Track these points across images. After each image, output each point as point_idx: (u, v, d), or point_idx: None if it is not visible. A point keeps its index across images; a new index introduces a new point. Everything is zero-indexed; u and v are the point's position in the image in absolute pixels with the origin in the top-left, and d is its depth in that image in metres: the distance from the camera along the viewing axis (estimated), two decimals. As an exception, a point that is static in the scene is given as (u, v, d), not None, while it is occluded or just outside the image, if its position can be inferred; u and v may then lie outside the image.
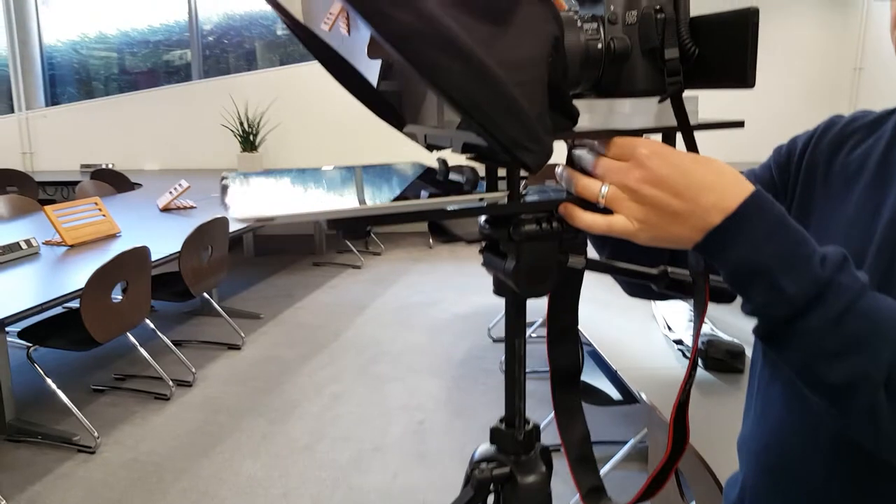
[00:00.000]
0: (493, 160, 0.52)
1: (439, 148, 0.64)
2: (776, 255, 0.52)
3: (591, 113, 0.60)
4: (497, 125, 0.46)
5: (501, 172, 0.58)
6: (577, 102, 0.57)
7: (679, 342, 2.07)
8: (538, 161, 0.48)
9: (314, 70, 6.84)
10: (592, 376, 2.36)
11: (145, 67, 7.42)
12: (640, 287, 0.78)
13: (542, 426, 0.72)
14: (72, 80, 7.53)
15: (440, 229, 0.77)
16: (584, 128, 0.58)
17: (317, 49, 0.64)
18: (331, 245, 6.31)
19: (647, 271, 0.64)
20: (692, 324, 2.36)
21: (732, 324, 2.08)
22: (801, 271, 0.52)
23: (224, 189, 0.52)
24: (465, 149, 0.54)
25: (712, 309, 2.26)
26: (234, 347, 3.98)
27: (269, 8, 0.58)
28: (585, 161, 0.57)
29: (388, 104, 0.67)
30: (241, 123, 6.36)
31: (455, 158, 0.64)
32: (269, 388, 3.47)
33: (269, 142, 6.53)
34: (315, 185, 0.63)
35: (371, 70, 0.66)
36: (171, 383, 3.40)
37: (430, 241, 6.52)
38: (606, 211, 0.56)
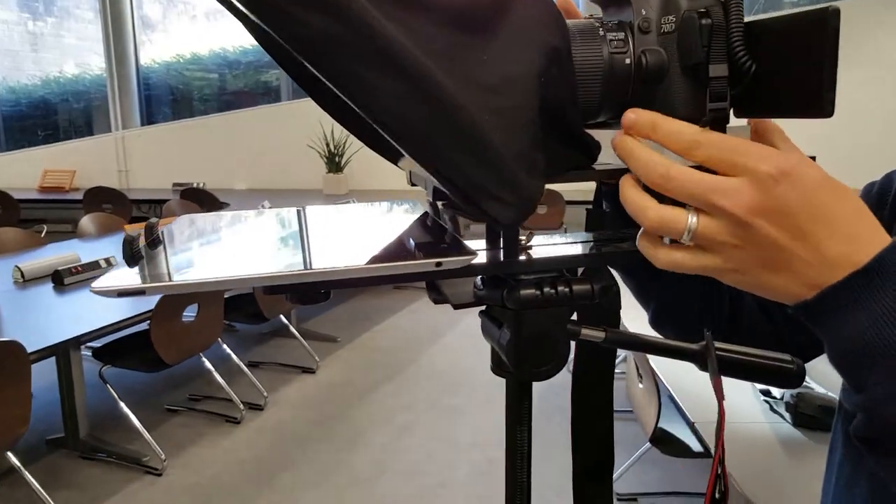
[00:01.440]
0: (460, 210, 0.42)
1: (415, 185, 0.54)
2: None
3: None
4: (452, 165, 0.35)
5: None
6: (598, 134, 0.46)
7: (766, 393, 1.87)
8: (514, 215, 0.37)
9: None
10: (671, 424, 2.17)
11: (239, 88, 7.74)
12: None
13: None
14: (167, 101, 7.96)
15: (432, 286, 0.67)
16: (605, 165, 0.47)
17: (295, 69, 0.55)
18: (412, 267, 6.29)
19: (686, 347, 0.50)
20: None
21: (827, 373, 1.86)
22: None
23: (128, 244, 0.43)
24: (437, 195, 0.44)
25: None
26: (309, 371, 3.99)
27: None
28: (656, 172, 0.41)
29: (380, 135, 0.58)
30: (328, 144, 6.48)
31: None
32: (339, 415, 3.43)
33: (354, 164, 6.61)
34: (265, 232, 0.54)
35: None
36: (241, 406, 3.43)
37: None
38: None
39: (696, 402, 1.85)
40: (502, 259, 0.46)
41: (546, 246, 0.49)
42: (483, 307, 0.52)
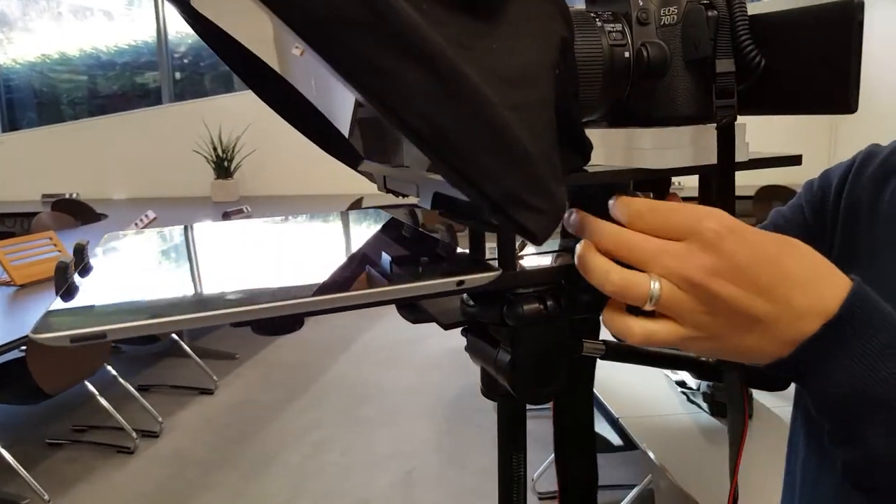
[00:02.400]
0: (477, 222, 0.38)
1: (403, 195, 0.49)
2: None
3: (605, 147, 0.46)
4: (483, 171, 0.31)
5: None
6: (588, 132, 0.43)
7: (682, 384, 1.95)
8: (547, 224, 0.33)
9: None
10: (596, 421, 2.21)
11: (113, 90, 7.29)
12: None
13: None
14: (32, 105, 7.38)
15: (409, 305, 0.63)
16: (598, 167, 0.44)
17: (241, 64, 0.50)
18: (312, 275, 6.13)
19: (688, 356, 0.49)
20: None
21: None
22: None
23: (61, 271, 0.36)
24: (437, 202, 0.39)
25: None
26: (207, 392, 3.79)
27: None
28: (608, 236, 0.39)
29: (337, 134, 0.53)
30: (215, 149, 6.22)
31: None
32: (244, 438, 3.28)
33: (245, 168, 6.39)
34: (216, 253, 0.48)
35: (315, 91, 0.52)
36: (134, 435, 3.21)
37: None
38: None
39: (619, 398, 1.90)
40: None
41: (540, 255, 0.46)
42: (465, 326, 0.49)
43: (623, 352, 0.47)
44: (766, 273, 0.37)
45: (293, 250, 0.48)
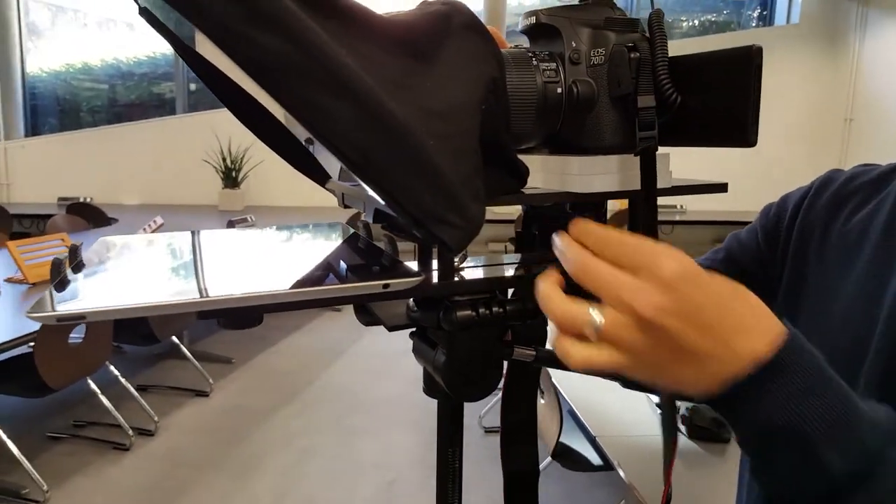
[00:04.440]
0: (405, 234, 0.41)
1: (348, 207, 0.53)
2: (818, 418, 0.39)
3: (544, 172, 0.49)
4: (404, 190, 0.34)
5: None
6: (527, 159, 0.46)
7: (661, 406, 1.96)
8: (462, 239, 0.36)
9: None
10: (572, 439, 2.22)
11: (131, 100, 7.37)
12: None
13: None
14: (54, 111, 7.46)
15: (362, 308, 0.66)
16: (534, 189, 0.47)
17: (218, 87, 0.53)
18: (312, 286, 6.16)
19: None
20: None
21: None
22: (848, 440, 0.39)
23: (56, 268, 0.40)
24: (378, 217, 0.43)
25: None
26: (202, 394, 3.80)
27: None
28: (574, 261, 0.41)
29: (307, 154, 0.56)
30: (224, 159, 6.27)
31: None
32: (235, 440, 3.29)
33: (252, 179, 6.43)
34: (192, 257, 0.52)
35: (285, 116, 0.55)
36: (130, 432, 3.22)
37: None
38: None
39: (598, 416, 1.91)
40: (436, 281, 0.45)
41: (478, 267, 0.49)
42: (414, 329, 0.52)
43: (554, 359, 0.50)
44: (715, 315, 0.39)
45: (258, 258, 0.51)
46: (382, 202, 0.37)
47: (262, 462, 3.08)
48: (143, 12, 0.50)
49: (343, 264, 0.47)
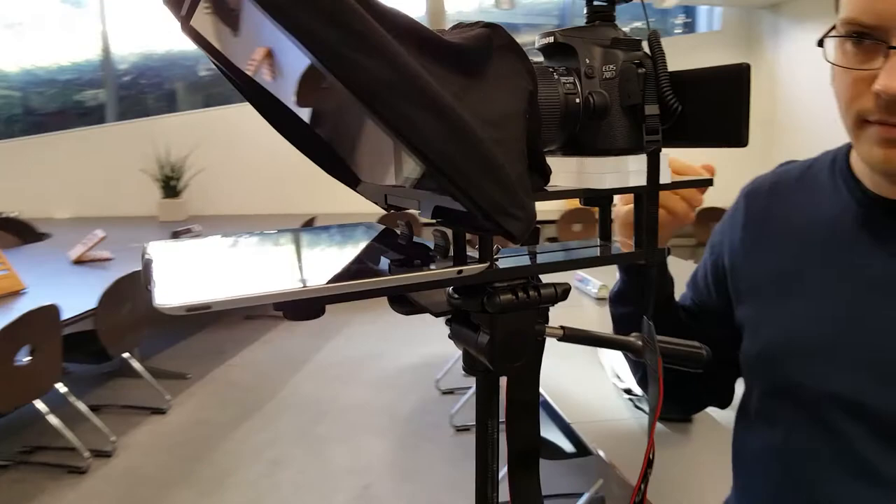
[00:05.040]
0: (471, 227, 0.49)
1: (401, 209, 0.61)
2: None
3: (563, 172, 0.58)
4: (478, 189, 0.42)
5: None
6: (548, 160, 0.55)
7: (628, 392, 2.07)
8: (524, 228, 0.45)
9: (242, 112, 6.78)
10: (543, 428, 2.33)
11: (53, 108, 7.17)
12: None
13: None
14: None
15: (402, 299, 0.73)
16: (555, 187, 0.56)
17: (254, 94, 0.60)
18: (263, 295, 6.13)
19: (627, 340, 0.61)
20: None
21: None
22: None
23: (147, 265, 0.46)
24: (437, 213, 0.51)
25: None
26: (159, 412, 3.78)
27: (190, 47, 0.54)
28: None
29: (338, 158, 0.64)
30: (162, 168, 6.19)
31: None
32: (199, 456, 3.29)
33: (193, 188, 6.37)
34: (251, 255, 0.59)
35: (317, 121, 0.63)
36: (87, 454, 3.19)
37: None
38: None
39: (570, 404, 2.01)
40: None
41: (509, 258, 0.57)
42: (451, 315, 0.60)
43: (578, 336, 0.59)
44: None
45: (313, 254, 0.58)
46: (449, 199, 0.45)
47: (231, 476, 3.10)
48: (187, 29, 0.57)
49: (388, 257, 0.55)
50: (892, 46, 0.61)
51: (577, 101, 0.55)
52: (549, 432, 2.32)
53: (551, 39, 0.56)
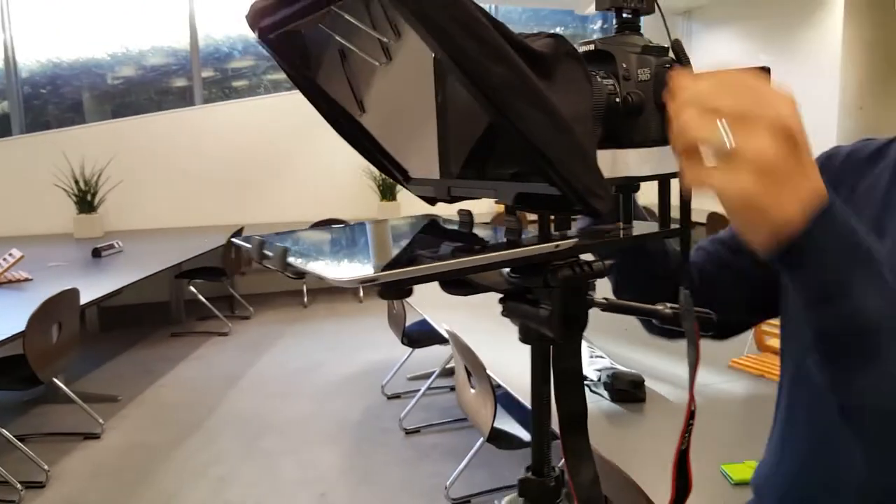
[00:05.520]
0: (556, 208, 0.57)
1: (456, 199, 0.68)
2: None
3: (601, 162, 0.67)
4: (575, 175, 0.50)
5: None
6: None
7: (585, 377, 2.20)
8: (607, 207, 0.53)
9: (159, 122, 6.64)
10: (503, 422, 2.42)
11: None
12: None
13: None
14: None
15: (460, 282, 0.78)
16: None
17: (318, 102, 0.67)
18: (190, 312, 6.00)
19: (655, 310, 0.70)
20: (593, 359, 2.50)
21: (630, 357, 2.27)
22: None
23: (283, 255, 0.52)
24: (519, 199, 0.59)
25: (611, 345, 2.45)
26: (92, 436, 3.66)
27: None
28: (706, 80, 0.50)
29: (389, 157, 0.71)
30: (77, 182, 5.97)
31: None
32: (140, 480, 3.22)
33: (110, 201, 6.17)
34: (339, 246, 0.65)
35: (374, 124, 0.70)
36: (19, 486, 3.06)
37: (305, 300, 6.42)
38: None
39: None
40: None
41: (567, 239, 0.66)
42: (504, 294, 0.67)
43: (616, 305, 0.68)
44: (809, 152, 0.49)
45: (397, 241, 0.66)
46: (531, 186, 0.53)
47: (177, 497, 3.05)
48: (266, 41, 0.63)
49: (448, 245, 0.63)
50: None
51: (617, 100, 0.64)
52: (509, 426, 2.42)
53: (592, 47, 0.65)
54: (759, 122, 0.47)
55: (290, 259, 0.52)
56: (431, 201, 0.75)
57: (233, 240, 0.64)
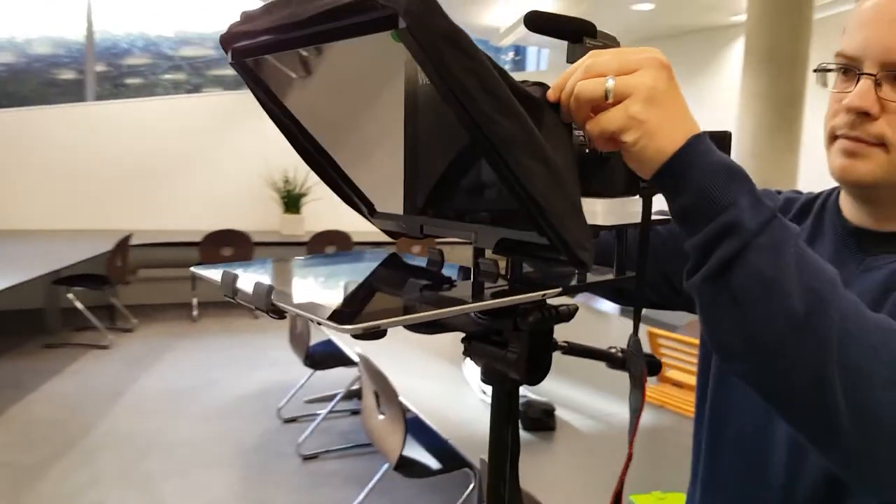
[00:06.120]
0: (538, 257, 0.59)
1: (427, 237, 0.68)
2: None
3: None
4: (567, 228, 0.52)
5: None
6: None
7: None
8: (591, 260, 0.55)
9: (45, 115, 6.22)
10: (409, 448, 2.42)
11: None
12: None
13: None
14: None
15: (432, 323, 0.78)
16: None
17: (286, 128, 0.66)
18: (67, 321, 5.63)
19: (609, 353, 0.73)
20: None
21: (542, 386, 2.32)
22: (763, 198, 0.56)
23: (268, 294, 0.51)
24: (500, 245, 0.60)
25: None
26: (-50, 457, 3.36)
27: None
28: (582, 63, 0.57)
29: (356, 190, 0.71)
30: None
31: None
32: (9, 502, 2.97)
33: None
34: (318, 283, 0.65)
35: (342, 152, 0.69)
36: None
37: (194, 313, 6.15)
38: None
39: (443, 421, 2.12)
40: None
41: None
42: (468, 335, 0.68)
43: (576, 349, 0.71)
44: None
45: (396, 278, 0.66)
46: (513, 232, 0.55)
47: (49, 524, 2.84)
48: (237, 66, 0.62)
49: (419, 281, 0.63)
50: (861, 73, 0.75)
51: (587, 150, 0.67)
52: (416, 453, 2.42)
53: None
54: (639, 64, 0.55)
55: (274, 299, 0.50)
56: (394, 235, 0.75)
57: (193, 269, 0.62)
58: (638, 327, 0.72)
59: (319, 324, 0.45)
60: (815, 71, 0.84)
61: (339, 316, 0.45)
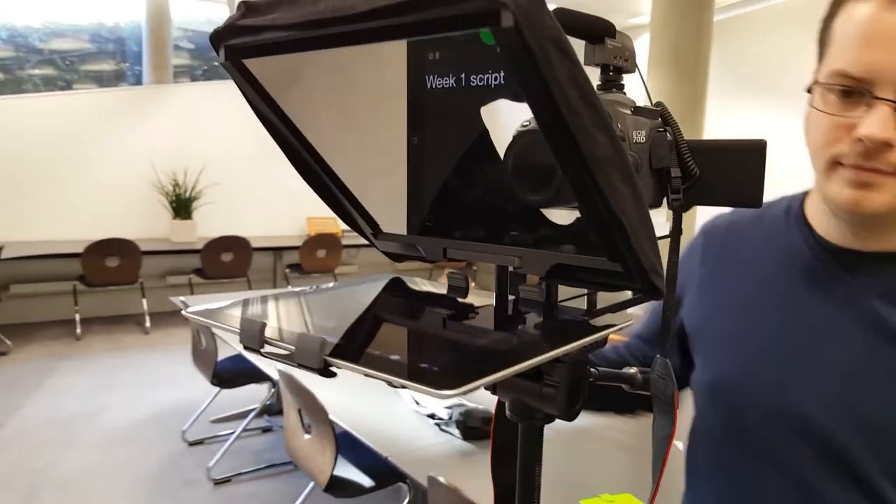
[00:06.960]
0: (599, 284, 0.54)
1: (452, 260, 0.62)
2: None
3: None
4: (645, 251, 0.48)
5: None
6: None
7: (432, 416, 2.19)
8: (662, 286, 0.51)
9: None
10: (339, 466, 2.33)
11: None
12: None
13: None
14: None
15: None
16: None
17: (280, 136, 0.59)
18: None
19: (630, 375, 0.70)
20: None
21: (480, 394, 2.29)
22: None
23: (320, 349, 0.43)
24: (553, 270, 0.54)
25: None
26: None
27: None
28: None
29: (363, 212, 0.64)
30: None
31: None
32: None
33: None
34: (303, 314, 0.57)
35: (350, 172, 0.62)
36: None
37: (78, 331, 5.72)
38: None
39: (379, 437, 2.05)
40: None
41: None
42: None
43: (604, 375, 0.66)
44: None
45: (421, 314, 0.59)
46: (568, 257, 0.50)
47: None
48: (229, 66, 0.54)
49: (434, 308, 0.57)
50: (877, 97, 0.69)
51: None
52: (343, 469, 2.33)
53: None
54: None
55: (327, 354, 0.43)
56: (399, 259, 0.69)
57: (186, 314, 0.52)
58: (665, 348, 0.69)
59: (404, 387, 0.38)
60: (808, 91, 0.78)
61: (430, 377, 0.39)
